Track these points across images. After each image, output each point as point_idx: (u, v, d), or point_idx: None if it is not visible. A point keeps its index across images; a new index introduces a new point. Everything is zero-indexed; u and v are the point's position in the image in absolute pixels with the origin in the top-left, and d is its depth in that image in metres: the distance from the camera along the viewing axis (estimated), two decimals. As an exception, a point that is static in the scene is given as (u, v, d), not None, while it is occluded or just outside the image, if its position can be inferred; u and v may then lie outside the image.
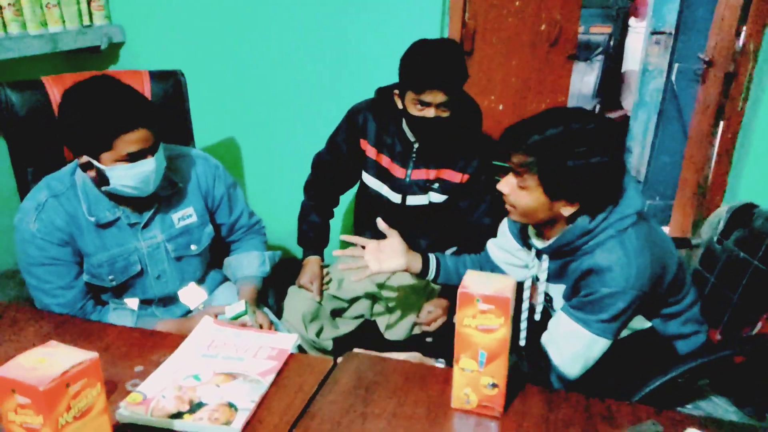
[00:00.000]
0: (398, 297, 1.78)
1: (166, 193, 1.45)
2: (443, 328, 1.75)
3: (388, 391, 1.06)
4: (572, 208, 1.17)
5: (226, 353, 1.15)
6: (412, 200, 1.76)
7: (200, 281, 1.60)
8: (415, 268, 1.44)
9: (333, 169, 1.83)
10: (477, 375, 0.98)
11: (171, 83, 1.79)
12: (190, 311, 1.58)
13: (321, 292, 1.77)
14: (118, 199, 1.38)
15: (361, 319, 1.87)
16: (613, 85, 4.62)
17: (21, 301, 1.53)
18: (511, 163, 1.19)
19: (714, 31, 2.33)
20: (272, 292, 1.70)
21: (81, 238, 1.37)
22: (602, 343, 1.19)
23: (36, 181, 1.41)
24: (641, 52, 3.95)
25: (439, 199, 1.75)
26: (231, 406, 1.00)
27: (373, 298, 1.83)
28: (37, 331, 1.25)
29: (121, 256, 1.42)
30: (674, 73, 3.20)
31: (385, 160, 1.75)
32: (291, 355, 1.16)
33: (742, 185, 2.10)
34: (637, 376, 1.22)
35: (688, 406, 1.34)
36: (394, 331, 1.81)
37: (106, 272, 1.41)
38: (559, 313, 1.23)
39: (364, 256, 1.43)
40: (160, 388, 1.04)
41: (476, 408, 1.01)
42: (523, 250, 1.37)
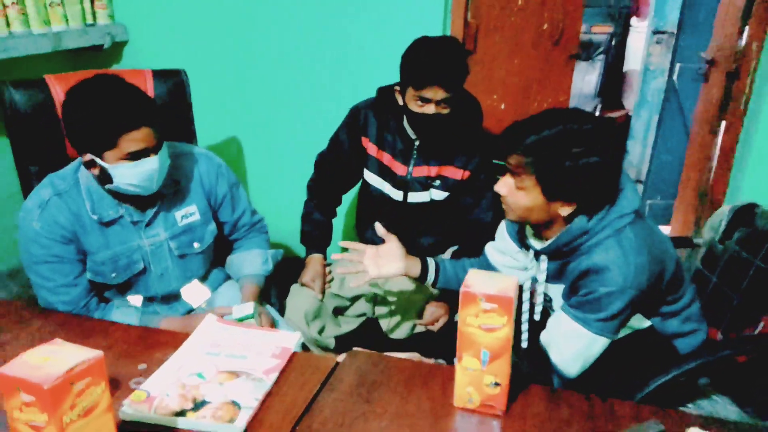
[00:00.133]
0: (400, 294, 1.79)
1: (169, 191, 1.45)
2: (444, 327, 1.76)
3: (391, 390, 1.07)
4: (569, 208, 1.18)
5: (229, 351, 1.16)
6: (414, 197, 1.76)
7: (203, 279, 1.61)
8: (414, 272, 1.44)
9: (335, 168, 1.84)
10: (480, 374, 0.99)
11: (173, 82, 1.79)
12: (193, 309, 1.59)
13: (323, 291, 1.77)
14: (121, 197, 1.38)
15: (363, 318, 1.87)
16: (614, 85, 4.61)
17: (24, 299, 1.54)
18: (509, 164, 1.19)
19: (716, 31, 2.33)
20: (275, 290, 1.71)
21: (84, 236, 1.37)
22: (602, 342, 1.20)
23: (39, 180, 1.41)
24: (643, 52, 3.94)
25: (440, 196, 1.75)
26: (234, 404, 1.00)
27: (375, 297, 1.84)
28: (41, 330, 1.25)
29: (124, 254, 1.42)
30: (676, 72, 3.20)
31: (387, 158, 1.75)
32: (294, 354, 1.16)
33: (744, 185, 2.10)
34: (638, 376, 1.23)
35: (690, 406, 1.35)
36: (395, 330, 1.81)
37: (110, 270, 1.41)
38: (559, 312, 1.24)
39: (363, 261, 1.43)
40: (163, 386, 1.04)
41: (479, 407, 1.01)
42: (522, 252, 1.38)
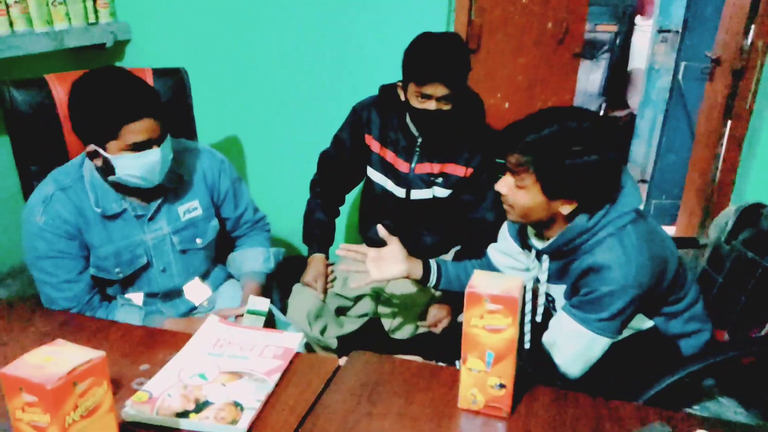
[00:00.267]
0: (402, 295, 1.78)
1: (172, 186, 1.46)
2: (446, 329, 1.75)
3: (395, 391, 1.06)
4: (570, 206, 1.17)
5: (231, 352, 1.15)
6: (416, 194, 1.75)
7: (204, 276, 1.61)
8: (416, 274, 1.44)
9: (339, 166, 1.84)
10: (484, 375, 0.98)
11: (174, 81, 1.79)
12: (195, 308, 1.59)
13: (325, 290, 1.77)
14: (124, 190, 1.39)
15: (365, 318, 1.87)
16: (619, 84, 4.60)
17: (26, 299, 1.53)
18: (509, 163, 1.19)
19: (722, 29, 2.31)
20: (277, 290, 1.70)
21: (88, 231, 1.38)
22: (603, 342, 1.19)
23: (39, 180, 1.41)
24: (648, 51, 3.94)
25: (443, 194, 1.75)
26: (237, 405, 1.00)
27: (378, 297, 1.83)
28: (43, 330, 1.25)
29: (127, 249, 1.42)
30: (681, 71, 3.18)
31: (390, 155, 1.75)
32: (297, 354, 1.16)
33: (750, 185, 2.09)
34: (642, 377, 1.22)
35: (695, 407, 1.34)
36: (398, 330, 1.81)
37: (113, 265, 1.41)
38: (560, 312, 1.23)
39: (365, 262, 1.43)
40: (165, 387, 1.04)
41: (483, 408, 1.00)
42: (524, 252, 1.37)
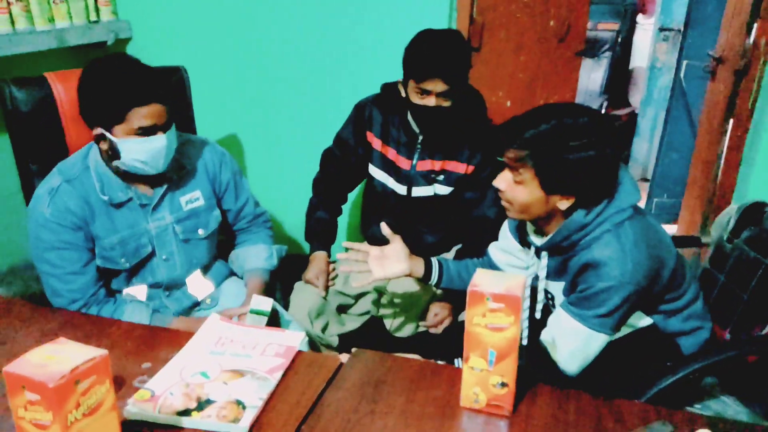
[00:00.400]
0: (404, 293, 1.78)
1: (175, 176, 1.47)
2: (447, 328, 1.75)
3: (397, 389, 1.06)
4: (568, 201, 1.18)
5: (233, 350, 1.15)
6: (418, 191, 1.76)
7: (206, 269, 1.61)
8: (418, 272, 1.45)
9: (341, 165, 1.84)
10: (486, 374, 0.98)
11: (173, 79, 1.79)
12: (198, 303, 1.59)
13: (327, 288, 1.77)
14: (129, 178, 1.40)
15: (367, 316, 1.87)
16: (620, 82, 4.59)
17: (27, 296, 1.53)
18: (507, 158, 1.19)
19: (724, 28, 2.31)
20: (279, 287, 1.70)
21: (93, 222, 1.39)
22: (601, 339, 1.19)
23: (40, 178, 1.42)
24: (649, 49, 3.93)
25: (444, 191, 1.75)
26: (239, 404, 1.00)
27: (380, 295, 1.83)
28: (45, 328, 1.24)
29: (132, 238, 1.43)
30: (683, 70, 3.17)
31: (391, 152, 1.75)
32: (299, 353, 1.15)
33: (752, 183, 2.09)
34: (642, 375, 1.22)
35: (697, 406, 1.34)
36: (399, 329, 1.80)
37: (119, 254, 1.42)
38: (558, 309, 1.24)
39: (367, 261, 1.43)
40: (167, 385, 1.04)
41: (485, 407, 1.00)
42: (524, 250, 1.37)
